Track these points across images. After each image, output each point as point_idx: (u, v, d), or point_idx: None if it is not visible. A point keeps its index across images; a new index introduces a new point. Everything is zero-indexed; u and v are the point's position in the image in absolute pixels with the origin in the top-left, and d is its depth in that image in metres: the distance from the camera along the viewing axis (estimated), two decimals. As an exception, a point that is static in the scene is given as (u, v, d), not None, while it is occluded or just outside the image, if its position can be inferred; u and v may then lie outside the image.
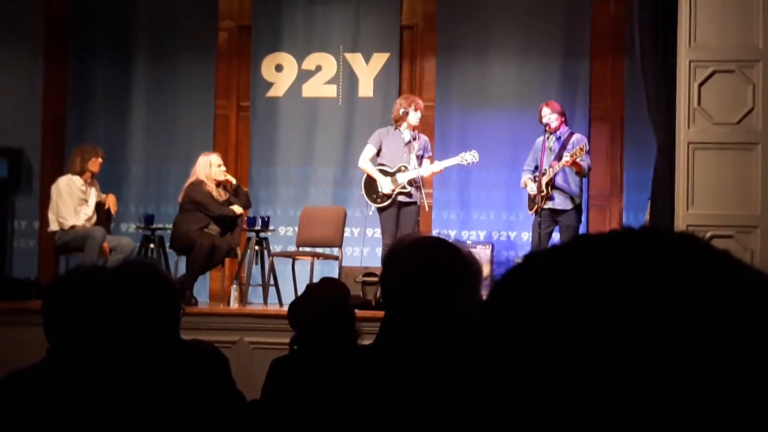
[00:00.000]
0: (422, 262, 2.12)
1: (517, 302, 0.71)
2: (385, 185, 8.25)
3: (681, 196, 6.62)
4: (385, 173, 8.29)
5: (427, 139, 8.56)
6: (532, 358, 0.69)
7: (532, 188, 8.13)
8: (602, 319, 0.67)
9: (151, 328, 2.66)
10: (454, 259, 2.11)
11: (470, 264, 2.13)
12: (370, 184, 8.36)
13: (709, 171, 6.61)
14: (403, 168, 8.27)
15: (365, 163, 8.41)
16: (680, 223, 6.55)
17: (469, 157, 8.33)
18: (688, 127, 6.64)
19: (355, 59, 9.81)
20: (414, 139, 8.33)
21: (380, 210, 8.32)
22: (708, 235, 6.51)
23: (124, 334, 2.62)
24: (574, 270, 0.70)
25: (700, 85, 6.63)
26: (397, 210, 8.27)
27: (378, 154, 8.40)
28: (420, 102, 8.44)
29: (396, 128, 8.37)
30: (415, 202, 8.27)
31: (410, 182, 8.24)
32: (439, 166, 8.39)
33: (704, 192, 6.60)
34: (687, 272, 0.69)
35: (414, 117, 8.27)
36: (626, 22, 8.79)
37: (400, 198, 8.26)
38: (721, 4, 6.61)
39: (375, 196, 8.33)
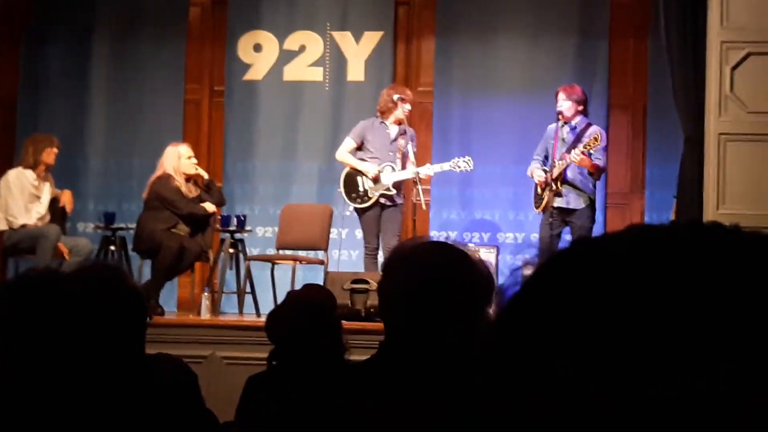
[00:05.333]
0: (427, 271, 2.09)
1: (565, 287, 0.72)
2: (371, 170, 8.26)
3: (710, 193, 6.63)
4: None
5: (413, 132, 8.57)
6: (580, 341, 0.69)
7: (539, 175, 8.12)
8: (661, 308, 0.68)
9: (112, 341, 2.63)
10: (462, 267, 2.09)
11: (480, 273, 2.11)
12: (351, 180, 8.37)
13: (742, 165, 6.62)
14: (388, 168, 8.31)
15: (344, 155, 8.43)
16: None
17: (463, 164, 8.37)
18: (719, 116, 6.65)
19: (344, 38, 9.80)
20: (402, 134, 8.35)
21: (360, 211, 8.34)
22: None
23: (82, 347, 2.60)
24: (629, 259, 0.71)
25: (733, 69, 6.64)
26: (378, 212, 8.30)
27: (360, 148, 8.41)
28: (410, 93, 8.50)
29: (381, 121, 8.40)
30: (399, 205, 8.33)
31: (394, 185, 8.28)
32: (426, 171, 8.39)
33: (736, 189, 6.61)
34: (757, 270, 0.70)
35: (402, 110, 8.30)
36: (650, -2, 8.80)
37: (382, 200, 8.30)
38: (757, -23, 6.62)
39: (355, 195, 8.34)
